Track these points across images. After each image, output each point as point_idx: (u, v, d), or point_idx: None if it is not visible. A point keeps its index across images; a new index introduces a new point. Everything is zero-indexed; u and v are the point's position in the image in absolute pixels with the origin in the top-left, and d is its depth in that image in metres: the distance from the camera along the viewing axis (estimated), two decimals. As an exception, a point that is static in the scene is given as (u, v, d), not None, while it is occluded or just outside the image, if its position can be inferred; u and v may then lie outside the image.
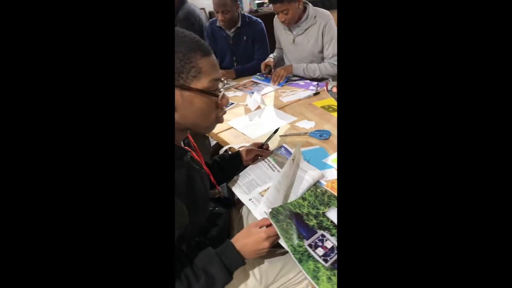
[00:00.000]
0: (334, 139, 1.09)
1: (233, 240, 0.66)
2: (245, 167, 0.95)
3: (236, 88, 1.64)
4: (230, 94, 1.56)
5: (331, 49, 1.56)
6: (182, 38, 0.55)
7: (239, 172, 0.93)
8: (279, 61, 1.81)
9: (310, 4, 1.56)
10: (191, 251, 0.68)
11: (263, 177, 0.89)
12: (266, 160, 0.95)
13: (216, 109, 0.61)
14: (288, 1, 1.45)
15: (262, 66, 1.66)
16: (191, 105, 0.56)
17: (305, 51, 1.62)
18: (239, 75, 1.78)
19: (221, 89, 0.60)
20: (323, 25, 1.53)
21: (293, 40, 1.63)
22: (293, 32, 1.62)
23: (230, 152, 1.09)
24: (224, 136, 1.18)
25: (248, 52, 1.85)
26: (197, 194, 0.65)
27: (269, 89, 1.57)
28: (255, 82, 1.68)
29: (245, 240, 0.65)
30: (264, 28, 1.84)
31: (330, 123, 1.21)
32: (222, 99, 0.60)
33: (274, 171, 0.91)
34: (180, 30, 0.56)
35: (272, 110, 1.34)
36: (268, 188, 0.85)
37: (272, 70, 1.66)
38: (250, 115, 1.31)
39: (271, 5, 1.59)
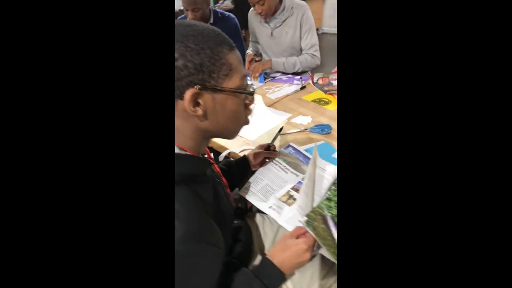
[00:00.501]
0: (335, 132, 1.06)
1: (269, 256, 0.60)
2: (253, 172, 0.88)
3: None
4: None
5: (309, 39, 1.53)
6: (205, 32, 0.46)
7: (248, 178, 0.86)
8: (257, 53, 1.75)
9: None
10: (222, 277, 0.61)
11: (277, 181, 0.83)
12: (275, 162, 0.89)
13: (245, 109, 0.54)
14: None
15: (247, 64, 1.59)
16: (224, 108, 0.49)
17: (284, 43, 1.58)
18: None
19: (253, 86, 0.53)
20: (301, 15, 1.50)
21: (271, 33, 1.58)
22: (270, 24, 1.57)
23: (231, 158, 1.02)
24: (220, 140, 1.09)
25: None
26: (224, 211, 0.58)
27: (256, 84, 1.51)
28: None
29: (283, 255, 0.59)
30: (238, 24, 1.77)
31: (325, 116, 1.18)
32: (250, 98, 0.54)
33: (287, 173, 0.86)
34: (197, 24, 0.47)
35: (265, 108, 1.28)
36: (287, 193, 0.79)
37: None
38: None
39: (227, 2, 1.52)
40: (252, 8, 1.64)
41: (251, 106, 0.55)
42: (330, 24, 5.09)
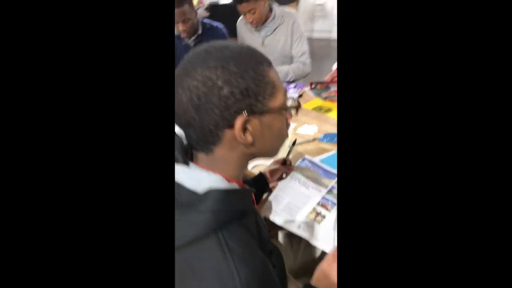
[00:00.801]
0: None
1: (315, 284, 0.56)
2: (270, 190, 0.84)
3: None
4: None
5: (300, 47, 1.53)
6: (242, 52, 0.42)
7: (266, 197, 0.82)
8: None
9: (275, 2, 1.50)
10: None
11: (300, 198, 0.80)
12: (294, 177, 0.85)
13: (287, 124, 0.51)
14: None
15: None
16: (271, 129, 0.45)
17: (275, 52, 1.56)
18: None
19: (295, 100, 0.50)
20: (291, 23, 1.49)
21: (262, 42, 1.55)
22: (261, 33, 1.54)
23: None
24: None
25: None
26: (264, 238, 0.54)
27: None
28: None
29: (328, 281, 0.55)
30: (226, 34, 1.73)
31: (330, 124, 1.17)
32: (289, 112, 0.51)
33: (308, 188, 0.82)
34: (231, 44, 0.43)
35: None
36: (314, 210, 0.76)
37: None
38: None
39: (200, 10, 1.47)
40: (241, 17, 1.61)
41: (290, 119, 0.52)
42: (305, 29, 5.17)
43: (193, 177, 0.42)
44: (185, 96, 0.40)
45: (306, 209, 0.76)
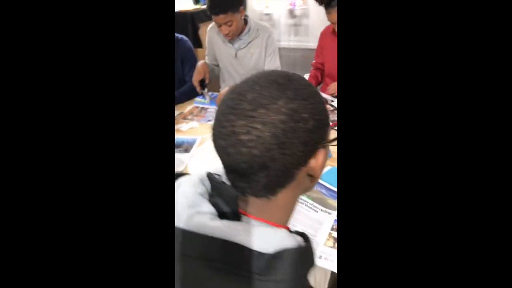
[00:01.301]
0: (335, 154, 1.04)
1: None
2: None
3: (184, 118, 1.39)
4: (184, 127, 1.31)
5: (273, 62, 1.52)
6: (305, 81, 0.38)
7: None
8: (212, 75, 1.62)
9: (249, 16, 1.46)
10: None
11: (311, 224, 0.76)
12: (300, 200, 0.82)
13: None
14: (232, 11, 1.31)
15: (196, 83, 1.46)
16: (324, 161, 0.40)
17: (248, 65, 1.52)
18: (177, 102, 1.52)
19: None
20: (266, 37, 1.47)
21: (236, 54, 1.50)
22: (235, 45, 1.49)
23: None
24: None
25: (179, 74, 1.61)
26: None
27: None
28: (202, 108, 1.47)
29: None
30: (192, 47, 1.64)
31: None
32: None
33: (317, 211, 0.80)
34: (292, 75, 0.38)
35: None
36: (330, 236, 0.73)
37: (206, 82, 1.49)
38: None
39: None
40: (211, 25, 1.54)
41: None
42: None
43: (257, 235, 0.35)
44: (268, 134, 0.33)
45: (323, 236, 0.73)
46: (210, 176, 0.42)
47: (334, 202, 0.83)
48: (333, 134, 0.38)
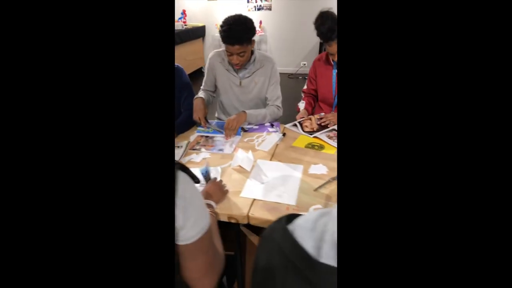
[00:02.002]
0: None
1: None
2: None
3: (192, 148, 1.35)
4: (196, 158, 1.26)
5: (275, 91, 1.56)
6: None
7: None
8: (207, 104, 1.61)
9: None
10: None
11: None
12: None
13: None
14: (247, 42, 1.34)
15: (201, 120, 1.45)
16: None
17: (251, 93, 1.55)
18: (177, 133, 1.47)
19: None
20: (270, 67, 1.51)
21: (240, 83, 1.52)
22: (239, 74, 1.51)
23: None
24: (257, 211, 0.95)
25: (176, 102, 1.57)
26: None
27: (234, 140, 1.40)
28: (207, 137, 1.44)
29: None
30: (187, 75, 1.61)
31: (332, 160, 1.21)
32: None
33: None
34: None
35: (271, 164, 1.20)
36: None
37: (205, 116, 1.48)
38: (255, 177, 1.11)
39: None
40: (213, 53, 1.54)
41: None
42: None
43: None
44: None
45: None
46: None
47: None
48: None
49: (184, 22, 5.02)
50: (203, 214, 0.60)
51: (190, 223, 0.56)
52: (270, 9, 4.95)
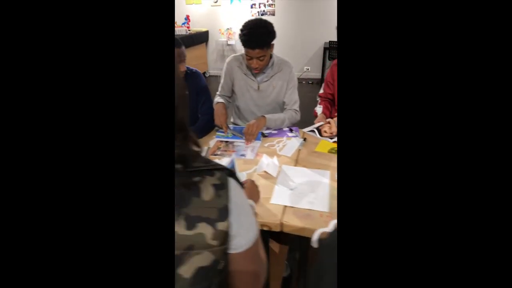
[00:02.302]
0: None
1: None
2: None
3: (213, 154, 1.32)
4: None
5: (293, 95, 1.54)
6: None
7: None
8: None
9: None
10: None
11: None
12: None
13: None
14: (267, 46, 1.33)
15: (223, 125, 1.43)
16: None
17: (269, 98, 1.53)
18: (195, 137, 1.45)
19: None
20: (288, 72, 1.50)
21: (258, 87, 1.50)
22: (258, 78, 1.49)
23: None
24: (290, 219, 0.92)
25: (193, 106, 1.54)
26: None
27: (255, 145, 1.37)
28: (227, 142, 1.42)
29: None
30: (205, 80, 1.60)
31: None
32: None
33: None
34: None
35: (297, 170, 1.18)
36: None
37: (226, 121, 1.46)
38: (282, 183, 1.09)
39: None
40: (232, 58, 1.52)
41: None
42: (216, 67, 5.29)
43: None
44: None
45: None
46: None
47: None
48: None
49: (188, 27, 5.02)
50: (253, 220, 0.58)
51: (243, 230, 0.54)
52: (273, 14, 4.97)
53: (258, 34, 1.30)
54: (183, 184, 0.47)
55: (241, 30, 1.35)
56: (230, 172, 0.56)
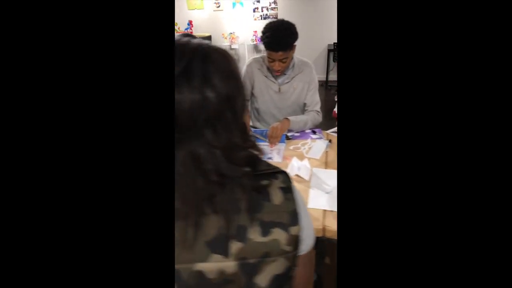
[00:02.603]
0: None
1: None
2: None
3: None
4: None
5: (314, 97, 1.52)
6: None
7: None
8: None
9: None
10: None
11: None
12: None
13: None
14: (290, 48, 1.30)
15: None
16: None
17: (289, 99, 1.51)
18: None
19: None
20: (309, 73, 1.48)
21: (279, 89, 1.47)
22: (278, 80, 1.47)
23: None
24: (332, 223, 0.89)
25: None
26: None
27: (280, 148, 1.34)
28: (251, 145, 1.39)
29: None
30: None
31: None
32: None
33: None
34: None
35: (329, 172, 1.15)
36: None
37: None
38: (317, 187, 1.06)
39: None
40: (252, 60, 1.50)
41: None
42: (219, 72, 5.27)
43: None
44: None
45: None
46: None
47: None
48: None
49: (191, 32, 5.02)
50: (311, 222, 0.56)
51: (309, 233, 0.53)
52: (276, 17, 4.98)
53: (281, 36, 1.28)
54: (254, 188, 0.46)
55: (263, 32, 1.33)
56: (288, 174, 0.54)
